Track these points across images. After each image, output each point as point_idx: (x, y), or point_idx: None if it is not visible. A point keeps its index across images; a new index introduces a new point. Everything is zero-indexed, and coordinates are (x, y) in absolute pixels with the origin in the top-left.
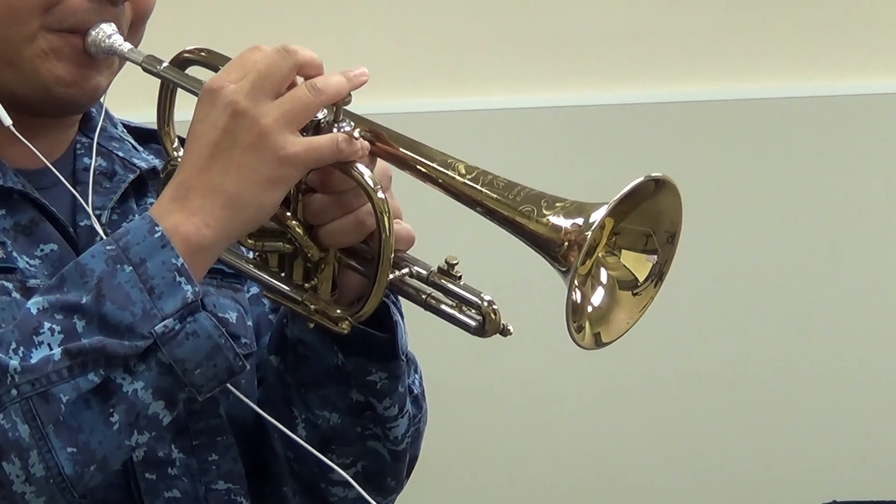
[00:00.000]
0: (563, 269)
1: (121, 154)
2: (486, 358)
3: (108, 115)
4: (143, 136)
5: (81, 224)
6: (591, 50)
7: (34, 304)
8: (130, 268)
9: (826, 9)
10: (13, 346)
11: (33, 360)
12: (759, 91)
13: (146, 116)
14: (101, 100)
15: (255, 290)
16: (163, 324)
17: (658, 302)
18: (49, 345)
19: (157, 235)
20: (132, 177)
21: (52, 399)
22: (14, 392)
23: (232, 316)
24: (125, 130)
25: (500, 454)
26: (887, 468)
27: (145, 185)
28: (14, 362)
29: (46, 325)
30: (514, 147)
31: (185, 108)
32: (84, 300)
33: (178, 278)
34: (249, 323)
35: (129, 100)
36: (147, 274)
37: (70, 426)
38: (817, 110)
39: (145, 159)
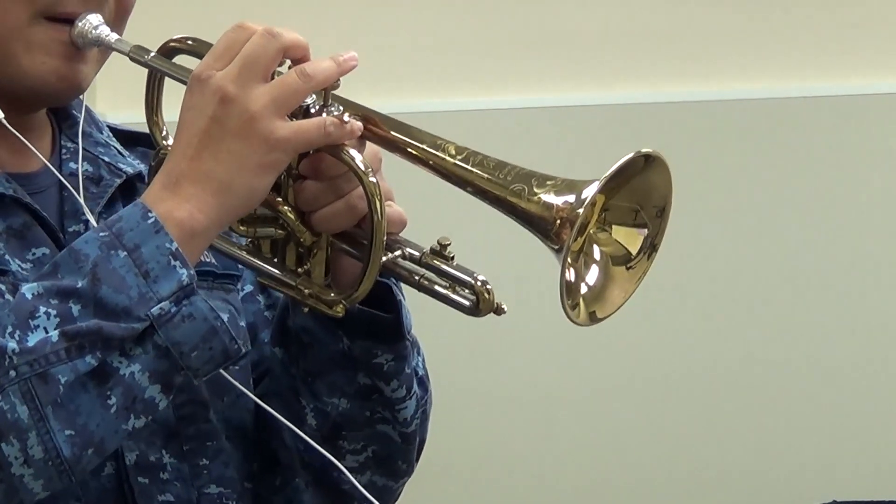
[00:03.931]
0: (556, 247)
1: (107, 159)
2: (481, 345)
3: (93, 120)
4: (130, 139)
5: (70, 230)
6: (591, 50)
7: (29, 289)
8: (125, 253)
9: (826, 9)
10: (9, 329)
11: (30, 343)
12: (759, 91)
13: (133, 117)
14: (82, 97)
15: (248, 288)
16: (159, 306)
17: (659, 301)
18: (45, 328)
19: (150, 221)
20: (119, 181)
21: (51, 380)
22: (13, 373)
23: (224, 318)
24: (111, 135)
25: (496, 447)
26: (887, 468)
27: (133, 190)
28: (12, 344)
29: (42, 309)
30: (514, 147)
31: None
32: (79, 284)
33: (172, 262)
34: (242, 324)
35: (115, 100)
36: (142, 258)
37: (68, 409)
38: (817, 110)
39: (131, 164)
